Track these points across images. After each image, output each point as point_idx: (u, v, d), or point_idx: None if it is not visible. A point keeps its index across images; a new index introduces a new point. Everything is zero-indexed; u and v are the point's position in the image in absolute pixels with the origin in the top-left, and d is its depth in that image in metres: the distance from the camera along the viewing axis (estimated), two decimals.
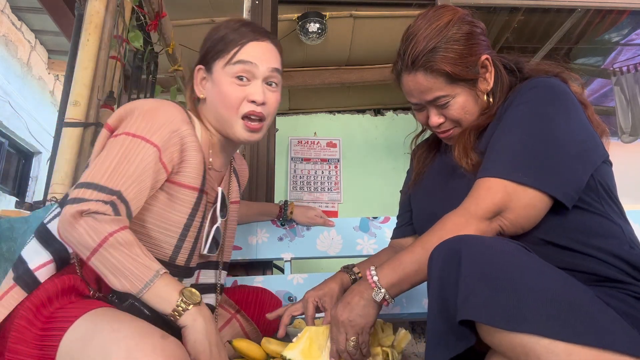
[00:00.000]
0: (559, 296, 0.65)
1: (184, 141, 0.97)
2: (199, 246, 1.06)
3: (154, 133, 0.92)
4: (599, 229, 0.87)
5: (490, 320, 0.66)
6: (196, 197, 1.00)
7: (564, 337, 0.62)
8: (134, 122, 0.93)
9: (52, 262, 0.90)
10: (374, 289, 0.89)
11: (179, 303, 0.81)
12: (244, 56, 1.03)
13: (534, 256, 0.73)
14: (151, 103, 0.98)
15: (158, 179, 0.94)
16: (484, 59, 0.99)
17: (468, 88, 0.99)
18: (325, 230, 1.63)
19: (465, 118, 1.01)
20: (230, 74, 1.03)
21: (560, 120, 0.89)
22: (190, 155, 0.98)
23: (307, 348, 0.96)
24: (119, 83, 1.92)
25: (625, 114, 3.53)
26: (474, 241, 0.74)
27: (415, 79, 0.99)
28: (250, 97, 1.03)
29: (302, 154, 4.21)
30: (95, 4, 1.71)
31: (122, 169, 0.88)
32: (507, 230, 0.87)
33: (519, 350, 0.64)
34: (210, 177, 1.07)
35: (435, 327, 0.75)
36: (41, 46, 5.39)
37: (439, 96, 0.99)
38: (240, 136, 1.05)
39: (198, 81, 1.09)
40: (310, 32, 3.05)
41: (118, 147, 0.90)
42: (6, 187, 5.16)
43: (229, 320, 1.22)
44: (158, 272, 0.82)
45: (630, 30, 3.43)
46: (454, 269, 0.71)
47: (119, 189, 0.86)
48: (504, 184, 0.86)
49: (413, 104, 1.06)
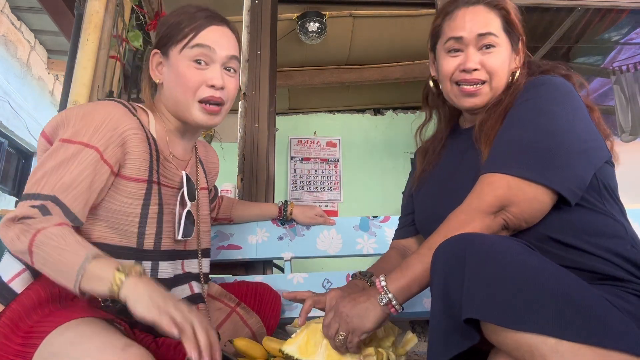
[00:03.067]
0: (565, 296, 0.65)
1: (124, 135, 0.96)
2: (168, 230, 1.05)
3: (92, 135, 0.92)
4: (602, 227, 0.87)
5: (496, 319, 0.66)
6: (145, 189, 0.99)
7: (570, 337, 0.62)
8: (71, 128, 0.93)
9: (25, 270, 0.90)
10: (381, 293, 0.88)
11: (114, 278, 0.75)
12: (202, 40, 1.02)
13: (539, 255, 0.73)
14: (86, 107, 0.98)
15: (103, 178, 0.93)
16: (522, 38, 1.05)
17: (511, 47, 1.03)
18: (325, 229, 1.63)
19: (499, 75, 1.01)
20: (188, 57, 1.02)
21: (565, 117, 0.89)
22: (133, 147, 0.98)
23: (304, 344, 0.97)
24: (119, 83, 1.92)
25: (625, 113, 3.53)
26: (478, 239, 0.74)
27: (475, 11, 1.02)
28: (209, 81, 1.02)
29: (302, 153, 4.21)
30: (94, 3, 1.71)
31: (57, 175, 0.88)
32: (511, 224, 0.87)
33: (524, 350, 0.64)
34: (167, 167, 1.07)
35: (438, 325, 0.74)
36: (41, 46, 5.38)
37: (492, 33, 1.00)
38: (198, 119, 1.05)
39: (154, 66, 1.08)
40: (310, 32, 3.05)
41: (54, 155, 0.90)
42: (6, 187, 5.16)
43: (229, 315, 1.21)
44: (88, 257, 0.78)
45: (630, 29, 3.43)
46: (458, 267, 0.71)
47: (54, 194, 0.86)
48: (507, 179, 0.86)
49: (455, 39, 1.02)
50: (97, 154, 0.92)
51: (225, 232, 1.60)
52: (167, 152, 1.08)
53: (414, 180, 1.21)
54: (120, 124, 0.97)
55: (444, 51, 1.05)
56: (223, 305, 1.22)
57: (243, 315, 1.23)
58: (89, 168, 0.90)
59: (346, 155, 4.27)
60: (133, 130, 0.98)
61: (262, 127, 2.03)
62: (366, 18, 3.14)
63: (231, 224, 1.58)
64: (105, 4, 1.74)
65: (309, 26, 3.03)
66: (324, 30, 3.07)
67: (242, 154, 2.00)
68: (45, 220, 0.82)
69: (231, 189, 1.97)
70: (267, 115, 2.05)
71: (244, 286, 1.34)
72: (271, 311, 1.29)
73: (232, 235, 1.60)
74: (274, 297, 1.33)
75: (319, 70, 3.76)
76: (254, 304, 1.28)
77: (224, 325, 1.19)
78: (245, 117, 2.03)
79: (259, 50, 2.11)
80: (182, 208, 1.08)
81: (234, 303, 1.24)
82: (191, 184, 1.12)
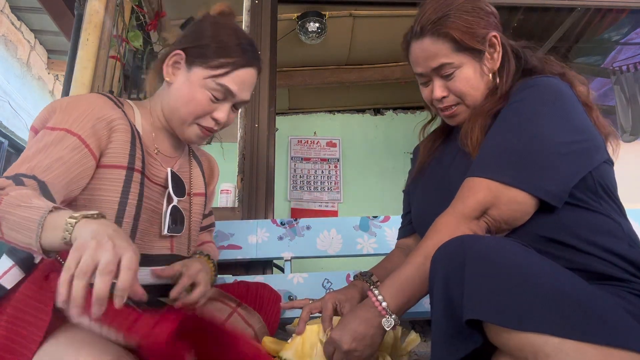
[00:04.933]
0: (567, 294, 0.65)
1: (111, 125, 0.98)
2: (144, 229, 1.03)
3: (75, 123, 0.93)
4: (598, 226, 0.87)
5: (498, 320, 0.65)
6: (125, 175, 0.99)
7: (573, 335, 0.62)
8: (55, 116, 0.95)
9: (15, 265, 0.88)
10: (385, 316, 0.86)
11: (66, 223, 0.70)
12: (230, 83, 1.04)
13: (538, 255, 0.73)
14: (71, 97, 1.00)
15: (83, 162, 0.93)
16: (492, 35, 1.00)
17: (474, 61, 1.00)
18: (325, 229, 1.63)
19: (469, 94, 1.01)
20: (208, 87, 1.03)
21: (550, 120, 0.89)
22: (116, 136, 0.99)
23: (300, 348, 0.97)
24: (119, 83, 1.92)
25: (625, 113, 3.53)
26: (477, 240, 0.73)
27: (422, 45, 1.01)
28: (215, 115, 1.06)
29: (302, 153, 4.21)
30: (94, 3, 1.71)
31: (37, 159, 0.87)
32: (492, 227, 0.88)
33: (527, 350, 0.64)
34: (151, 163, 1.07)
35: (440, 328, 0.74)
36: (41, 46, 5.38)
37: (445, 63, 0.99)
38: (189, 138, 1.09)
39: (170, 62, 1.07)
40: (310, 32, 3.05)
41: (37, 141, 0.91)
42: None
43: (230, 315, 1.21)
44: (47, 209, 0.73)
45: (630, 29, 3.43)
46: (458, 269, 0.71)
47: (33, 174, 0.85)
48: (487, 183, 0.87)
49: (419, 75, 1.06)
50: (79, 140, 0.93)
51: (225, 232, 1.60)
52: (152, 148, 1.09)
53: (411, 176, 1.21)
54: (104, 113, 0.98)
55: (418, 82, 1.09)
56: (223, 305, 1.22)
57: (244, 315, 1.22)
58: (70, 153, 0.91)
59: (346, 155, 4.27)
60: (119, 120, 1.00)
61: (262, 127, 2.03)
62: (366, 18, 3.14)
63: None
64: (105, 4, 1.74)
65: (309, 26, 3.03)
66: (324, 30, 3.07)
67: (242, 154, 2.00)
68: (15, 189, 0.80)
69: (231, 189, 1.97)
70: (267, 115, 2.05)
71: (244, 287, 1.33)
72: (272, 312, 1.29)
73: (232, 235, 1.60)
74: (275, 297, 1.33)
75: (319, 70, 3.76)
76: (254, 304, 1.27)
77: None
78: (245, 117, 2.03)
79: (259, 50, 2.11)
80: (168, 203, 1.08)
81: (234, 303, 1.23)
82: (179, 180, 1.11)
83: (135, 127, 1.05)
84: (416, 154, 1.25)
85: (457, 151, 1.06)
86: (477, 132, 0.97)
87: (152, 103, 1.12)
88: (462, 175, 0.94)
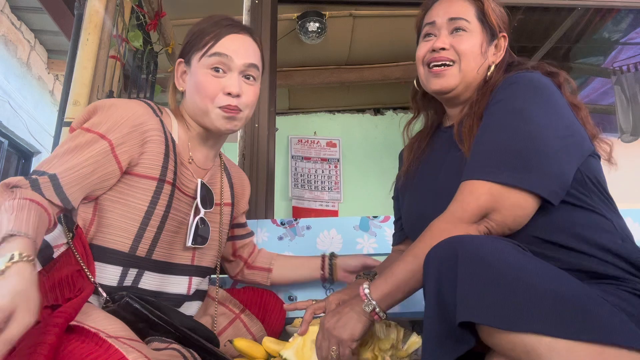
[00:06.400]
0: (557, 293, 0.65)
1: (145, 135, 0.99)
2: (167, 239, 1.04)
3: (110, 128, 0.95)
4: (590, 223, 0.86)
5: (490, 321, 0.65)
6: (155, 186, 1.00)
7: (565, 334, 0.62)
8: (95, 117, 0.97)
9: None
10: (365, 300, 0.88)
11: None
12: (220, 48, 1.05)
13: (530, 255, 0.73)
14: (114, 100, 1.01)
15: (107, 171, 0.95)
16: (502, 35, 1.07)
17: (485, 36, 1.05)
18: (325, 229, 1.63)
19: (468, 57, 1.03)
20: (206, 65, 1.05)
21: (541, 115, 0.89)
22: (151, 147, 1.00)
23: (301, 347, 0.97)
24: (119, 83, 1.92)
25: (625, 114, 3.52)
26: (469, 242, 0.73)
27: (451, 1, 1.07)
28: (226, 89, 1.05)
29: (303, 152, 4.21)
30: (94, 3, 1.71)
31: (65, 158, 0.91)
32: (493, 231, 0.87)
33: (520, 350, 0.64)
34: (183, 172, 1.07)
35: (433, 329, 0.74)
36: (41, 46, 5.38)
37: (463, 18, 1.04)
38: (219, 124, 1.07)
39: (179, 74, 1.11)
40: (310, 32, 3.05)
41: (71, 140, 0.94)
42: None
43: (233, 321, 1.21)
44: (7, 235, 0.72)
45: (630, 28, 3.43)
46: (451, 270, 0.71)
47: (55, 172, 0.89)
48: (489, 186, 0.85)
49: (429, 25, 1.08)
50: (109, 147, 0.94)
51: None
52: (187, 157, 1.10)
53: (399, 177, 1.21)
54: (143, 122, 0.99)
55: (420, 38, 1.11)
56: (227, 310, 1.22)
57: (247, 322, 1.23)
58: (96, 157, 0.93)
59: (346, 155, 4.27)
60: (155, 131, 1.01)
61: (262, 126, 2.03)
62: (366, 18, 3.14)
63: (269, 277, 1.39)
64: (105, 4, 1.74)
65: (309, 26, 3.03)
66: (324, 30, 3.06)
67: (242, 154, 2.00)
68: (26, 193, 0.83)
69: None
70: (267, 115, 2.05)
71: (249, 292, 1.33)
72: (275, 319, 1.29)
73: None
74: (279, 304, 1.33)
75: (319, 70, 3.75)
76: (258, 311, 1.28)
77: (227, 331, 1.19)
78: None
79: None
80: (195, 214, 1.08)
81: (238, 309, 1.23)
82: (208, 191, 1.11)
83: (172, 135, 1.06)
84: (402, 159, 1.25)
85: (447, 153, 1.05)
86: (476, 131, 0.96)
87: (183, 113, 1.13)
88: (454, 176, 0.93)
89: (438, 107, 1.19)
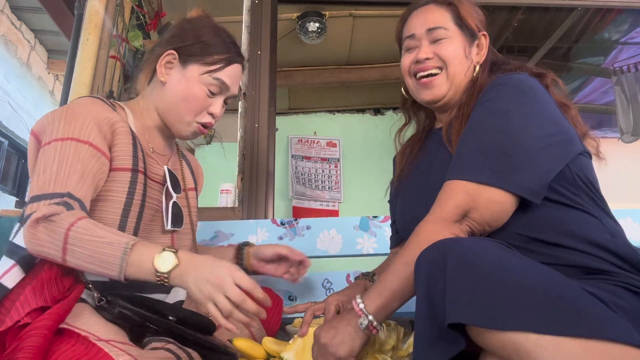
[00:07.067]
0: (542, 290, 0.65)
1: (113, 128, 1.00)
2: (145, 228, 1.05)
3: (81, 130, 0.95)
4: (579, 220, 0.87)
5: (478, 321, 0.66)
6: (130, 177, 1.01)
7: (551, 330, 0.62)
8: (58, 127, 0.96)
9: (16, 265, 0.89)
10: (361, 316, 0.87)
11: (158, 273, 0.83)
12: (225, 77, 1.10)
13: (516, 254, 0.74)
14: (66, 106, 1.01)
15: (103, 169, 0.97)
16: (482, 34, 1.08)
17: (466, 40, 1.06)
18: (325, 229, 1.63)
19: (453, 63, 1.03)
20: (205, 83, 1.08)
21: (523, 115, 0.89)
22: (120, 139, 1.01)
23: (301, 350, 0.97)
24: (119, 83, 1.92)
25: (625, 114, 3.52)
26: (457, 244, 0.74)
27: (425, 10, 1.08)
28: (211, 109, 1.11)
29: (303, 152, 4.21)
30: (94, 3, 1.71)
31: (63, 173, 0.90)
32: (475, 229, 0.88)
33: (509, 348, 0.64)
34: (150, 160, 1.09)
35: (424, 332, 0.74)
36: (41, 46, 5.38)
37: (440, 27, 1.04)
38: (186, 134, 1.12)
39: (163, 62, 1.09)
40: (310, 32, 3.05)
41: (52, 154, 0.92)
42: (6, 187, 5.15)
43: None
44: (127, 247, 0.83)
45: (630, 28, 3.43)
46: (439, 273, 0.71)
47: (68, 191, 0.89)
48: (464, 185, 0.87)
49: (409, 38, 1.09)
50: (92, 147, 0.95)
51: (225, 232, 1.60)
52: (147, 147, 1.11)
53: (393, 182, 1.23)
54: (104, 115, 1.00)
55: (403, 51, 1.12)
56: None
57: None
58: (90, 163, 0.94)
59: (346, 155, 4.27)
60: (118, 122, 1.02)
61: (262, 127, 2.03)
62: (366, 18, 3.14)
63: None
64: (105, 4, 1.74)
65: (309, 26, 3.03)
66: (324, 30, 3.06)
67: (242, 154, 2.00)
68: (71, 215, 0.85)
69: (231, 189, 1.97)
70: (267, 115, 2.05)
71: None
72: (273, 315, 1.29)
73: (232, 235, 1.60)
74: (277, 301, 1.33)
75: (319, 70, 3.75)
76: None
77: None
78: (245, 117, 2.03)
79: (259, 50, 2.11)
80: (167, 199, 1.10)
81: None
82: (174, 176, 1.14)
83: (131, 127, 1.07)
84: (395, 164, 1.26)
85: (435, 156, 1.06)
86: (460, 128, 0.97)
87: (142, 103, 1.14)
88: (442, 178, 0.94)
89: (429, 111, 1.20)
